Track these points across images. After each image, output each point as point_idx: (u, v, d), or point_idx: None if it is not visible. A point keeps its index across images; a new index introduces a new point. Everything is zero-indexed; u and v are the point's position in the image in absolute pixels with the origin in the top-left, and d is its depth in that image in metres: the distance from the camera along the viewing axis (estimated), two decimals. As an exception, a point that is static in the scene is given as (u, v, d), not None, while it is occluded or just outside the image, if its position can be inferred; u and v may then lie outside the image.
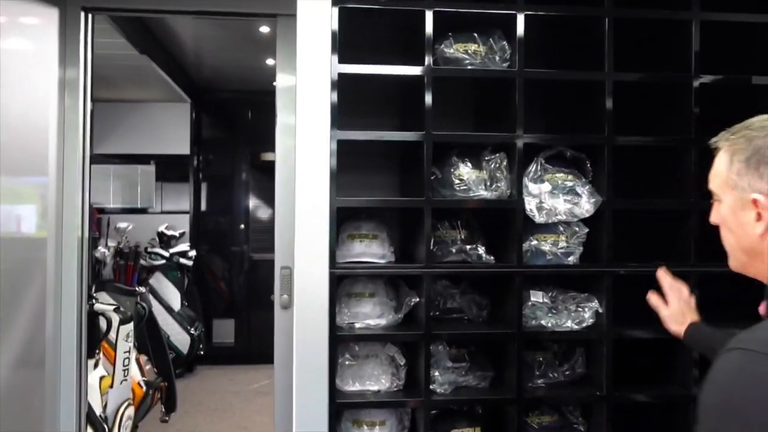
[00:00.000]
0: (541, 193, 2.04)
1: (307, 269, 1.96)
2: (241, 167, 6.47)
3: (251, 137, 6.45)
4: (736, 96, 2.17)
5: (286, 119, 2.67)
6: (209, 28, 4.24)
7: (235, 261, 6.41)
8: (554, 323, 2.10)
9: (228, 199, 6.48)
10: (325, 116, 1.96)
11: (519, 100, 2.02)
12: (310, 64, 1.96)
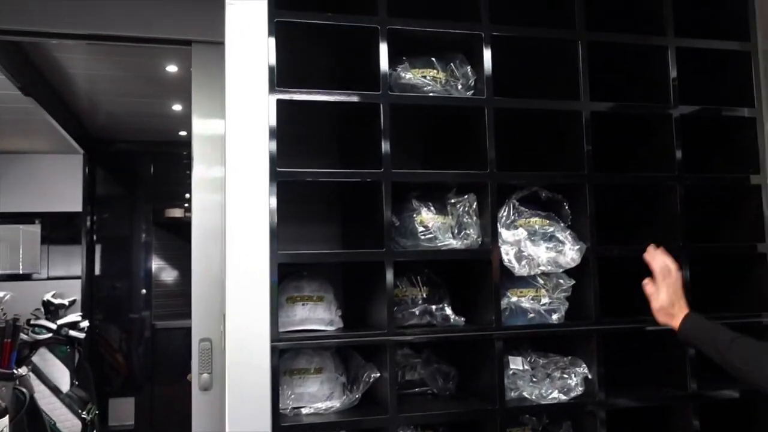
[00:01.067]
0: (520, 241, 1.74)
1: (242, 342, 1.54)
2: (142, 226, 5.87)
3: (153, 192, 5.89)
4: (712, 128, 1.99)
5: (203, 171, 2.30)
6: (106, 67, 3.76)
7: (135, 330, 5.73)
8: (539, 394, 1.77)
9: (126, 261, 5.83)
10: (263, 156, 1.58)
11: (489, 133, 1.73)
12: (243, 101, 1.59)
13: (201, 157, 2.31)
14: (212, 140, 2.32)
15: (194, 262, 2.23)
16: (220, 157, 2.33)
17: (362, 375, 1.71)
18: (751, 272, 1.93)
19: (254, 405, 1.53)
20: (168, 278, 5.96)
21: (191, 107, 2.38)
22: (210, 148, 2.33)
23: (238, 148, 1.58)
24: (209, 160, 2.32)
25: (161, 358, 5.65)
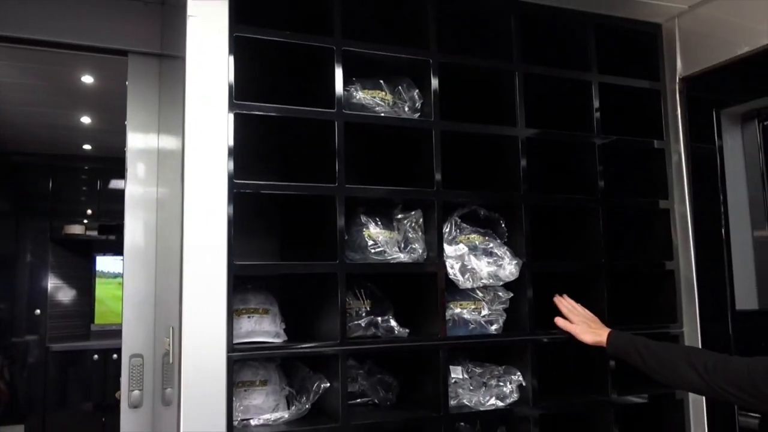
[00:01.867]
0: (463, 255, 1.84)
1: (198, 354, 1.53)
2: (37, 243, 5.54)
3: (52, 208, 5.58)
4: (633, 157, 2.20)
5: (137, 187, 2.25)
6: (15, 73, 3.57)
7: (28, 353, 5.36)
8: (477, 401, 1.86)
9: (20, 280, 5.47)
10: (222, 169, 1.59)
11: (436, 153, 1.83)
12: (202, 115, 1.59)
13: (134, 173, 2.25)
14: (147, 155, 2.27)
15: (126, 279, 2.17)
16: (154, 173, 2.30)
17: (311, 386, 1.74)
18: (661, 287, 2.13)
19: (210, 417, 1.52)
20: (65, 298, 5.64)
21: (124, 120, 2.31)
22: (144, 163, 2.27)
23: (197, 161, 1.58)
24: (143, 177, 2.27)
25: (57, 381, 5.31)
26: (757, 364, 1.45)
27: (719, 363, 1.53)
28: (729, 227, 2.02)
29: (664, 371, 1.66)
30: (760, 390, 1.42)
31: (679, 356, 1.63)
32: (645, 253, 2.18)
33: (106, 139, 4.93)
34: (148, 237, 2.22)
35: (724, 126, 2.06)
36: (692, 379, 1.57)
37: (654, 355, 1.69)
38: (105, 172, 5.70)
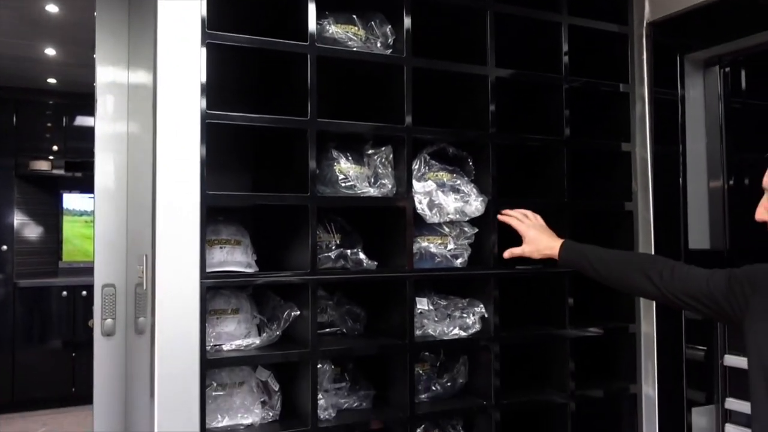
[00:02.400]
0: (431, 192, 1.89)
1: (171, 281, 1.57)
2: (2, 179, 5.45)
3: (16, 144, 5.48)
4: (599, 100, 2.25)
5: (107, 121, 2.23)
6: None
7: (-4, 289, 5.35)
8: (441, 331, 1.95)
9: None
10: (194, 100, 1.60)
11: (408, 90, 1.86)
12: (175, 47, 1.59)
13: (104, 108, 2.23)
14: (117, 89, 2.24)
15: (97, 212, 2.18)
16: (124, 108, 2.28)
17: (282, 314, 1.80)
18: (620, 226, 2.22)
19: (183, 342, 1.57)
20: (32, 235, 5.60)
21: (92, 53, 2.27)
22: (115, 98, 2.25)
23: (168, 92, 1.59)
24: (113, 112, 2.25)
25: (26, 317, 5.32)
26: (718, 278, 1.49)
27: (676, 272, 1.57)
28: (686, 171, 2.10)
29: (617, 281, 1.72)
30: (718, 302, 1.47)
31: (634, 265, 1.68)
32: (606, 193, 2.26)
33: (73, 73, 4.82)
34: (119, 171, 2.23)
35: (688, 72, 2.12)
36: (646, 288, 1.62)
37: (606, 266, 1.74)
38: (71, 107, 5.59)
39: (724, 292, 1.46)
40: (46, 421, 4.93)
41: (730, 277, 1.47)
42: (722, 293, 1.47)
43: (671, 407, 2.12)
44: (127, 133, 2.25)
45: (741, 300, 1.43)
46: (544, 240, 1.90)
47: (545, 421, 2.15)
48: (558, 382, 2.10)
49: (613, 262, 1.74)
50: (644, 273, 1.63)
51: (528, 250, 1.91)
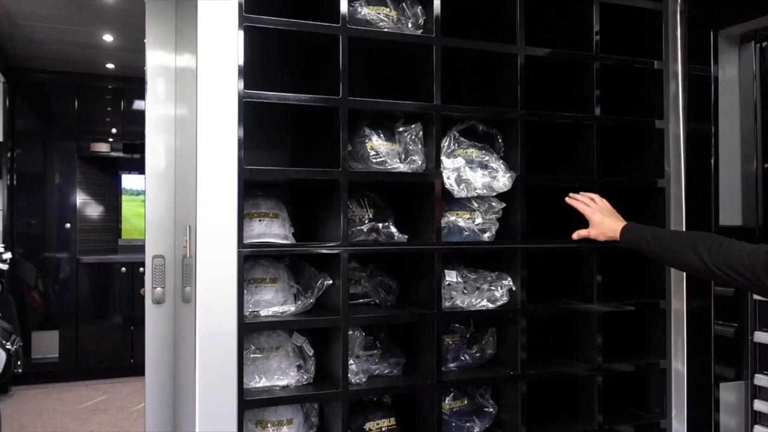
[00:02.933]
0: (459, 168, 1.95)
1: (212, 250, 1.69)
2: (65, 161, 5.75)
3: (78, 126, 5.76)
4: (631, 77, 2.26)
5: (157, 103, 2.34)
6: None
7: (60, 265, 5.67)
8: (469, 303, 2.02)
9: (49, 196, 5.71)
10: (232, 79, 1.71)
11: (437, 69, 1.92)
12: (215, 29, 1.69)
13: (154, 91, 2.34)
14: (166, 72, 2.35)
15: (148, 189, 2.31)
16: (172, 91, 2.39)
17: (316, 283, 1.90)
18: (651, 203, 2.23)
19: (222, 306, 1.69)
20: (93, 213, 5.89)
21: (144, 39, 2.38)
22: (164, 81, 2.36)
23: (209, 74, 1.69)
24: (162, 95, 2.36)
25: (88, 291, 5.63)
26: (759, 251, 1.53)
27: (723, 246, 1.61)
28: (719, 148, 2.09)
29: (671, 258, 1.78)
30: (757, 275, 1.51)
31: (686, 242, 1.72)
32: (638, 170, 2.27)
33: (129, 58, 5.03)
34: (168, 152, 2.34)
35: (722, 47, 2.10)
36: (696, 264, 1.67)
37: (661, 243, 1.80)
38: (128, 91, 5.83)
39: (764, 264, 1.49)
40: (106, 389, 5.23)
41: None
42: (762, 266, 1.50)
43: (700, 382, 2.14)
44: (174, 115, 2.38)
45: None
46: (608, 223, 1.97)
47: (572, 394, 2.20)
48: (586, 356, 2.15)
49: (667, 240, 1.80)
50: (694, 248, 1.68)
51: (594, 233, 2.00)
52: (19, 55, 5.13)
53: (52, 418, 4.49)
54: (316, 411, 1.98)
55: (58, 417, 4.52)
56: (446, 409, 2.06)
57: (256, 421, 1.87)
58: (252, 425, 1.87)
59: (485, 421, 2.08)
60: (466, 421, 2.06)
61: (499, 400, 2.13)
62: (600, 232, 1.98)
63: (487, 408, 2.11)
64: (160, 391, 2.33)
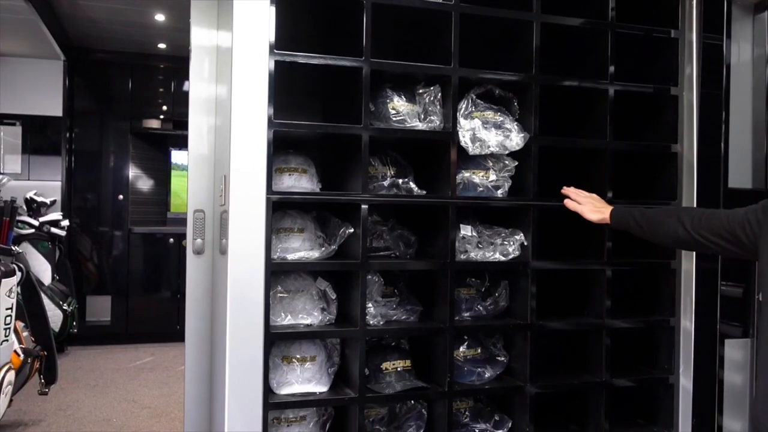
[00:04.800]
0: (475, 128, 2.08)
1: (243, 196, 1.86)
2: (119, 136, 6.07)
3: (131, 105, 6.07)
4: (649, 50, 2.34)
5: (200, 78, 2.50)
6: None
7: (114, 235, 6.01)
8: (482, 256, 2.15)
9: (104, 171, 6.05)
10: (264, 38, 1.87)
11: (455, 34, 2.05)
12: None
13: (197, 68, 2.49)
14: (208, 52, 2.51)
15: (191, 152, 2.50)
16: (214, 70, 2.56)
17: (338, 231, 2.07)
18: (664, 167, 2.31)
19: (251, 248, 1.86)
20: (144, 187, 6.20)
21: (188, 18, 2.54)
22: (207, 60, 2.51)
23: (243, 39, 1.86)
24: (207, 73, 2.51)
25: (138, 260, 5.95)
26: (736, 212, 1.63)
27: (705, 216, 1.72)
28: (729, 114, 2.17)
29: (657, 231, 1.88)
30: (737, 235, 1.60)
31: (671, 216, 1.83)
32: (651, 136, 2.35)
33: (180, 38, 5.28)
34: (209, 121, 2.51)
35: (736, 17, 2.17)
36: (679, 233, 1.78)
37: (648, 221, 1.91)
38: (179, 71, 6.11)
39: (741, 221, 1.59)
40: (154, 351, 5.54)
41: (747, 210, 1.59)
42: (739, 223, 1.59)
43: (707, 340, 2.22)
44: (215, 93, 2.54)
45: (755, 226, 1.54)
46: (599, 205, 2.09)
47: (582, 348, 2.31)
48: (595, 312, 2.25)
49: (653, 216, 1.91)
50: (679, 219, 1.79)
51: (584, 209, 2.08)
52: (79, 35, 5.44)
53: (103, 374, 4.81)
54: (338, 351, 2.14)
55: (109, 373, 4.84)
56: (460, 356, 2.20)
57: (282, 356, 2.05)
58: (278, 360, 2.04)
59: (497, 369, 2.21)
60: (478, 368, 2.20)
61: (510, 350, 2.25)
62: (591, 209, 2.06)
63: (499, 357, 2.24)
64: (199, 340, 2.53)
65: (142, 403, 4.16)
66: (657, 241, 1.91)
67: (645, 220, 1.91)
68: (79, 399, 4.19)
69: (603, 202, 2.12)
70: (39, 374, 3.51)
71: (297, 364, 2.05)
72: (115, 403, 4.14)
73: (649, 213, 1.93)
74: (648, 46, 2.33)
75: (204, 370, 2.51)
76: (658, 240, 1.90)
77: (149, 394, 4.34)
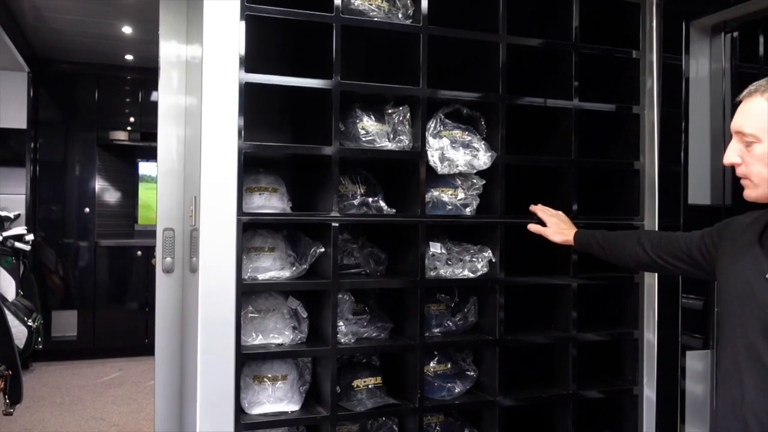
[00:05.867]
0: (443, 147, 2.12)
1: (214, 217, 1.87)
2: (85, 148, 5.98)
3: (97, 116, 5.99)
4: (612, 69, 2.41)
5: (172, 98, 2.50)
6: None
7: (79, 249, 5.91)
8: (451, 273, 2.18)
9: (70, 183, 5.96)
10: (234, 61, 1.88)
11: (423, 55, 2.08)
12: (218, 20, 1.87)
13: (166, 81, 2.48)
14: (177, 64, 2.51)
15: (160, 170, 2.49)
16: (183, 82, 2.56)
17: (309, 250, 2.08)
18: (627, 184, 2.38)
19: (222, 269, 1.87)
20: (111, 199, 6.12)
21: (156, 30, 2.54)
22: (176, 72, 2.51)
23: (213, 59, 1.87)
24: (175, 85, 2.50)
25: (105, 274, 5.86)
26: (693, 235, 1.68)
27: (663, 239, 1.78)
28: (689, 132, 2.24)
29: (618, 254, 1.94)
30: (695, 258, 1.65)
31: (631, 239, 1.89)
32: (614, 153, 2.42)
33: (147, 50, 5.24)
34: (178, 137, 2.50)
35: (694, 38, 2.24)
36: (640, 256, 1.83)
37: (610, 243, 1.96)
38: (146, 82, 6.05)
39: (698, 244, 1.64)
40: (121, 366, 5.46)
41: (703, 233, 1.65)
42: (696, 246, 1.65)
43: (669, 351, 2.29)
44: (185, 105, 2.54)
45: (711, 249, 1.59)
46: (564, 226, 2.13)
47: (549, 362, 2.36)
48: (562, 326, 2.31)
49: (615, 238, 1.96)
50: (639, 243, 1.84)
51: (549, 231, 2.13)
52: (44, 46, 5.36)
53: (69, 391, 4.72)
54: (309, 369, 2.15)
55: (75, 390, 4.76)
56: (431, 371, 2.22)
57: (254, 376, 2.05)
58: (250, 379, 2.04)
59: (466, 383, 2.24)
60: (448, 383, 2.23)
61: (480, 365, 2.29)
62: (555, 231, 2.12)
63: (468, 371, 2.27)
64: (169, 357, 2.52)
65: (110, 420, 4.11)
66: (620, 264, 1.96)
67: (607, 243, 1.97)
68: (45, 418, 4.11)
69: (569, 222, 2.16)
70: (3, 394, 3.44)
71: (268, 384, 2.05)
72: (82, 421, 4.08)
73: (611, 236, 1.98)
74: (611, 65, 2.40)
75: (174, 389, 2.50)
76: (621, 262, 1.95)
77: (117, 411, 4.28)
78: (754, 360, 1.32)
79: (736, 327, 1.38)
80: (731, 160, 1.38)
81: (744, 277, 1.38)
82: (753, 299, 1.34)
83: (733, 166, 1.39)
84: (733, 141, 1.38)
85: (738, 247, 1.45)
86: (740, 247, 1.44)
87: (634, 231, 2.19)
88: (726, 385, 1.42)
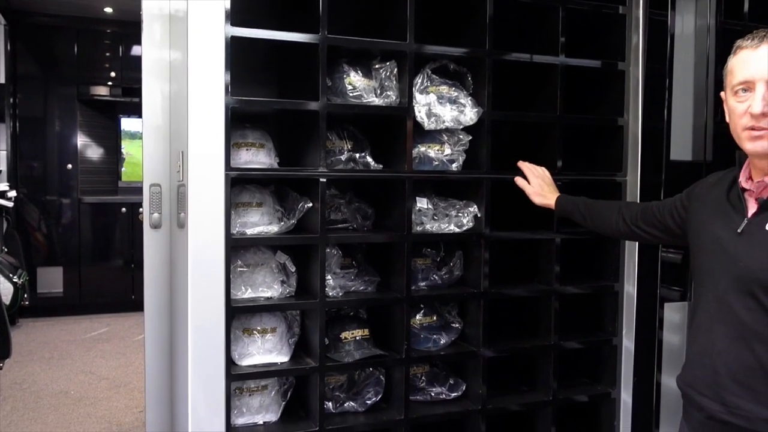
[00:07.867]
0: (431, 103, 2.12)
1: (202, 172, 1.87)
2: (65, 104, 5.89)
3: (77, 71, 5.88)
4: (598, 25, 2.41)
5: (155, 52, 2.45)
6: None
7: (63, 205, 5.88)
8: (437, 227, 2.22)
9: (51, 138, 5.88)
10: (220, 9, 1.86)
11: (411, 10, 2.07)
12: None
13: (149, 35, 2.44)
14: (160, 17, 2.46)
15: (145, 124, 2.47)
16: (167, 36, 2.51)
17: (297, 205, 2.10)
18: (611, 140, 2.41)
19: (211, 224, 1.88)
20: (93, 155, 6.06)
21: None
22: (159, 26, 2.46)
23: (199, 15, 1.85)
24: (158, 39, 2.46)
25: (90, 230, 5.85)
26: (665, 202, 1.75)
27: (640, 209, 1.85)
28: (672, 88, 2.26)
29: (599, 223, 2.01)
30: (667, 224, 1.71)
31: (612, 209, 1.96)
32: (599, 110, 2.44)
33: (126, 3, 5.13)
34: (163, 92, 2.48)
35: (681, -7, 2.25)
36: (620, 226, 1.91)
37: (591, 212, 2.03)
38: (127, 36, 5.93)
39: (669, 209, 1.71)
40: (109, 322, 5.50)
41: (674, 199, 1.72)
42: (668, 211, 1.71)
43: (647, 303, 2.36)
44: (169, 59, 2.51)
45: (682, 212, 1.65)
46: (546, 189, 2.18)
47: (533, 312, 2.42)
48: (545, 279, 2.36)
49: (596, 207, 2.03)
50: (619, 212, 1.92)
51: (531, 190, 2.19)
52: (19, -1, 5.23)
53: (57, 346, 4.76)
54: (298, 322, 2.20)
55: (63, 345, 4.80)
56: (417, 324, 2.28)
57: (243, 329, 2.09)
58: (239, 332, 2.08)
59: (451, 335, 2.30)
60: (433, 334, 2.28)
61: (465, 317, 2.35)
62: (536, 192, 2.17)
63: (453, 323, 2.33)
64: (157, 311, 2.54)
65: (100, 374, 4.16)
66: (598, 232, 2.03)
67: (588, 212, 2.03)
68: (35, 372, 4.16)
69: (553, 185, 2.20)
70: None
71: (258, 336, 2.09)
72: (72, 375, 4.13)
73: (594, 205, 2.03)
74: (598, 22, 2.40)
75: (164, 343, 2.53)
76: (600, 230, 2.02)
77: (106, 365, 4.33)
78: (725, 312, 1.39)
79: (708, 282, 1.45)
80: (760, 108, 1.30)
81: (715, 233, 1.44)
82: (724, 253, 1.40)
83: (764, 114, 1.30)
84: (765, 90, 1.30)
85: (707, 206, 1.52)
86: (710, 205, 1.51)
87: (615, 202, 2.23)
88: (698, 336, 1.49)
